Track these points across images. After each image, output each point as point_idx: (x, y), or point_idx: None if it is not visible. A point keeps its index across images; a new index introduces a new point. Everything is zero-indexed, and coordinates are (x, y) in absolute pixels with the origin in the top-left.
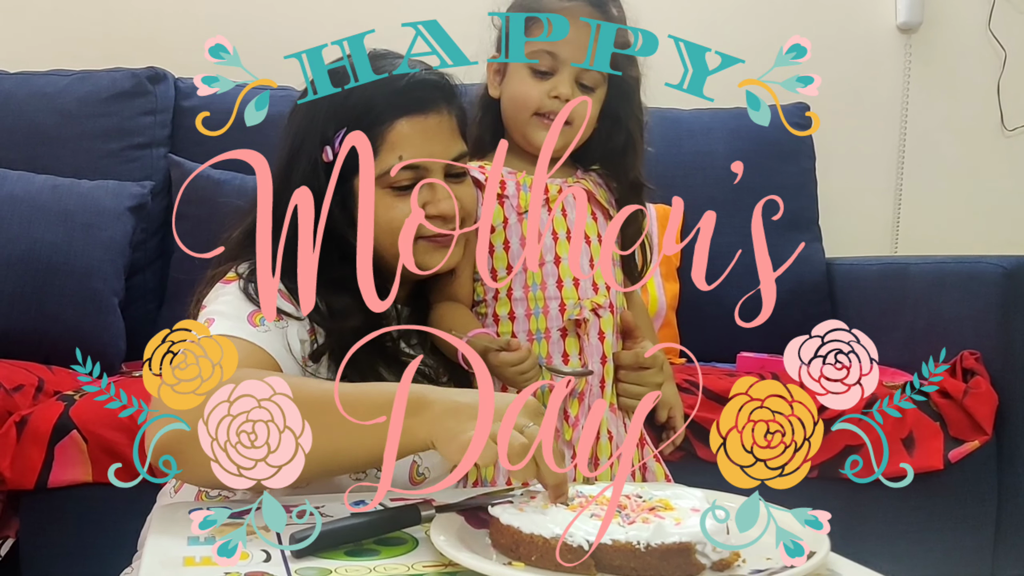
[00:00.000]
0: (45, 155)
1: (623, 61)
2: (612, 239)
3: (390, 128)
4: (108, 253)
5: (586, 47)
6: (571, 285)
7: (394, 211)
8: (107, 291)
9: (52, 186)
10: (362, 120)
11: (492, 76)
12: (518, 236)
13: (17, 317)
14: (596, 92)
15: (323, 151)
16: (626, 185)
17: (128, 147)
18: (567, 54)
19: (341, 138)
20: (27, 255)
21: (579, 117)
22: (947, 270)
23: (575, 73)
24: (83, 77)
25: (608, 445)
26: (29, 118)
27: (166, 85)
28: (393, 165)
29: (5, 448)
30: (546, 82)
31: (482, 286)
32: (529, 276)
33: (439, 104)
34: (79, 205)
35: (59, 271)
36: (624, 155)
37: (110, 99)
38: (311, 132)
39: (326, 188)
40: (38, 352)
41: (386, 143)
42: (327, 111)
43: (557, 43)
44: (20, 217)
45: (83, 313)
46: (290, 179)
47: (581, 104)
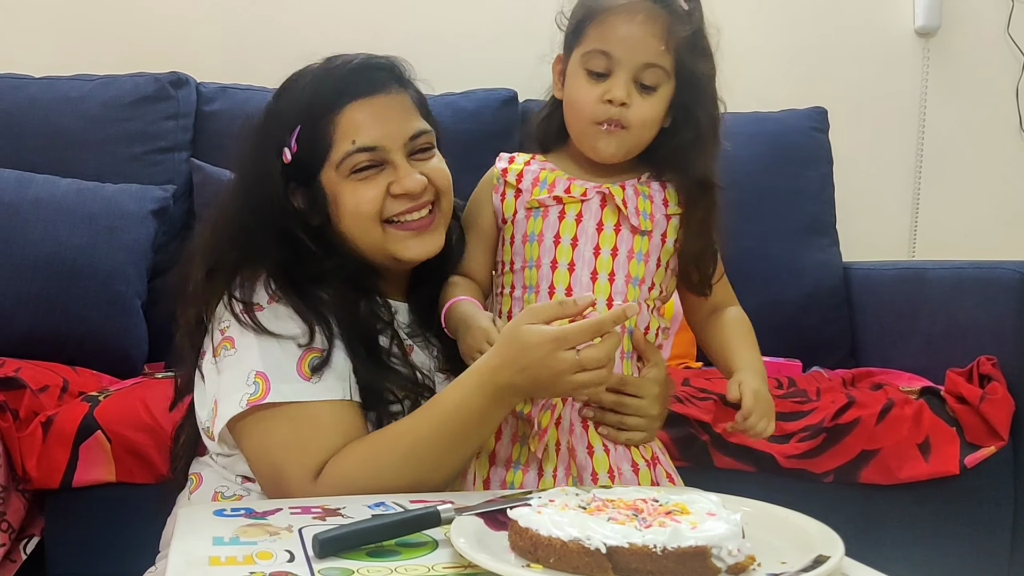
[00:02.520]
0: (69, 159)
1: (691, 55)
2: (629, 255)
3: (340, 114)
4: (131, 256)
5: (645, 44)
6: (563, 294)
7: (358, 196)
8: (130, 293)
9: (76, 190)
10: (312, 114)
11: (556, 77)
12: (523, 232)
13: (42, 318)
14: (659, 90)
15: (281, 154)
16: (693, 183)
17: (151, 151)
18: (621, 53)
19: (296, 136)
20: (52, 258)
21: (636, 121)
22: (964, 275)
23: (633, 72)
24: (107, 82)
25: (605, 458)
26: (54, 122)
27: (188, 90)
28: (348, 151)
29: (31, 448)
30: (601, 84)
31: (496, 278)
32: (528, 276)
33: (388, 84)
34: (103, 208)
35: (83, 273)
36: (691, 152)
37: (133, 104)
38: (269, 139)
39: (289, 191)
40: (62, 353)
41: (339, 130)
42: (281, 117)
43: (611, 41)
44: (45, 220)
45: (107, 315)
46: (246, 187)
47: (637, 107)
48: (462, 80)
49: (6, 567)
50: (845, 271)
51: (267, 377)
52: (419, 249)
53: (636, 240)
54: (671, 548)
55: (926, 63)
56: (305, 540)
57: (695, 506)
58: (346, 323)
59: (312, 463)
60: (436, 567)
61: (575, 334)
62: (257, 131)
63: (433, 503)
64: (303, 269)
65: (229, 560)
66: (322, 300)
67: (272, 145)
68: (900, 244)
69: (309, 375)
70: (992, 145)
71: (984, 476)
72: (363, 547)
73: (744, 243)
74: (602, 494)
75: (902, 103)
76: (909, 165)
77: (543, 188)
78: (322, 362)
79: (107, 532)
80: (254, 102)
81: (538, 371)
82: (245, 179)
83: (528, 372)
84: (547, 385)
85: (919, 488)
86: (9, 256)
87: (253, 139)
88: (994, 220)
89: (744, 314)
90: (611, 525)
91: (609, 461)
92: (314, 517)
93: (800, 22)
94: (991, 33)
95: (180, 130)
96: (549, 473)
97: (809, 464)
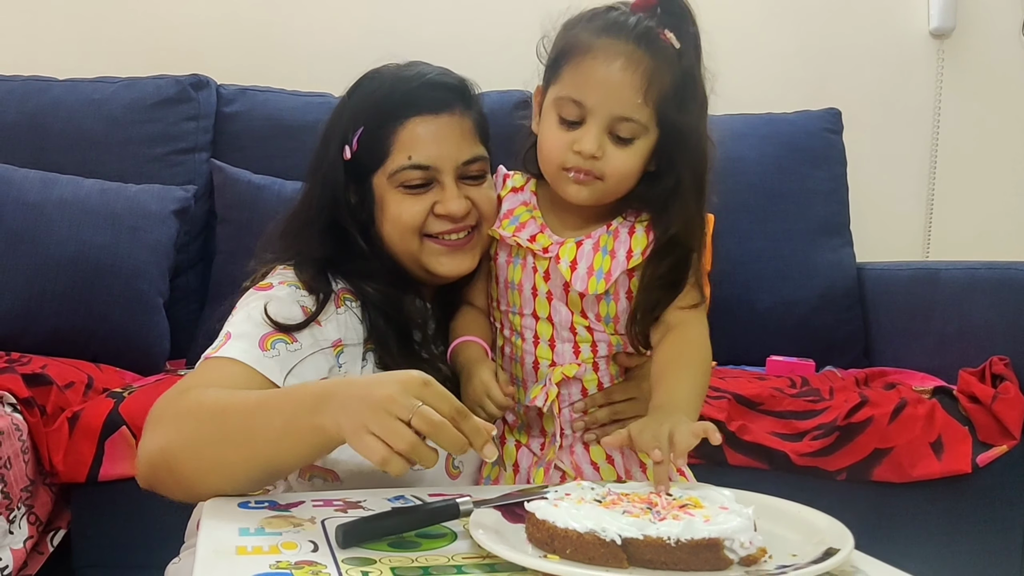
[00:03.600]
0: (93, 160)
1: (676, 104)
2: (597, 318)
3: (402, 127)
4: (153, 255)
5: (620, 96)
6: (546, 345)
7: (402, 208)
8: (152, 292)
9: (100, 190)
10: (377, 119)
11: (535, 109)
12: (504, 278)
13: (67, 316)
14: (637, 142)
15: (343, 150)
16: (662, 237)
17: (172, 152)
18: (594, 103)
19: (358, 136)
20: (76, 257)
21: (610, 172)
22: (978, 276)
23: (606, 124)
24: (129, 84)
25: (611, 468)
26: (77, 124)
27: (208, 92)
28: (403, 164)
29: (58, 442)
30: (572, 132)
31: (492, 310)
32: (514, 320)
33: (453, 105)
34: (126, 208)
35: (106, 272)
36: (669, 203)
37: (155, 105)
38: (336, 133)
39: (345, 185)
40: (86, 350)
41: (398, 142)
42: (350, 113)
43: (584, 90)
44: (69, 220)
45: (130, 313)
46: (315, 178)
47: (611, 158)
48: (477, 82)
49: (34, 559)
50: (859, 271)
51: (230, 335)
52: (451, 266)
53: (600, 304)
54: (684, 540)
55: (941, 64)
56: (328, 531)
57: (708, 500)
58: (387, 317)
59: (196, 384)
60: (456, 557)
61: (438, 397)
62: (328, 123)
63: (451, 496)
64: (351, 263)
65: (255, 550)
66: (366, 292)
67: (337, 139)
68: (914, 245)
69: (267, 348)
70: (1006, 146)
71: (996, 475)
72: (384, 538)
73: (758, 244)
74: (617, 488)
75: (916, 104)
76: (923, 166)
77: (513, 223)
78: (289, 348)
79: (132, 525)
80: (273, 103)
81: (372, 388)
82: (313, 169)
83: (362, 390)
84: (364, 405)
85: (931, 486)
86: (34, 255)
87: (324, 130)
88: (1008, 221)
89: (700, 338)
90: (626, 518)
91: (615, 471)
92: (336, 509)
93: (814, 23)
94: (1006, 34)
95: (201, 131)
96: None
97: (822, 462)
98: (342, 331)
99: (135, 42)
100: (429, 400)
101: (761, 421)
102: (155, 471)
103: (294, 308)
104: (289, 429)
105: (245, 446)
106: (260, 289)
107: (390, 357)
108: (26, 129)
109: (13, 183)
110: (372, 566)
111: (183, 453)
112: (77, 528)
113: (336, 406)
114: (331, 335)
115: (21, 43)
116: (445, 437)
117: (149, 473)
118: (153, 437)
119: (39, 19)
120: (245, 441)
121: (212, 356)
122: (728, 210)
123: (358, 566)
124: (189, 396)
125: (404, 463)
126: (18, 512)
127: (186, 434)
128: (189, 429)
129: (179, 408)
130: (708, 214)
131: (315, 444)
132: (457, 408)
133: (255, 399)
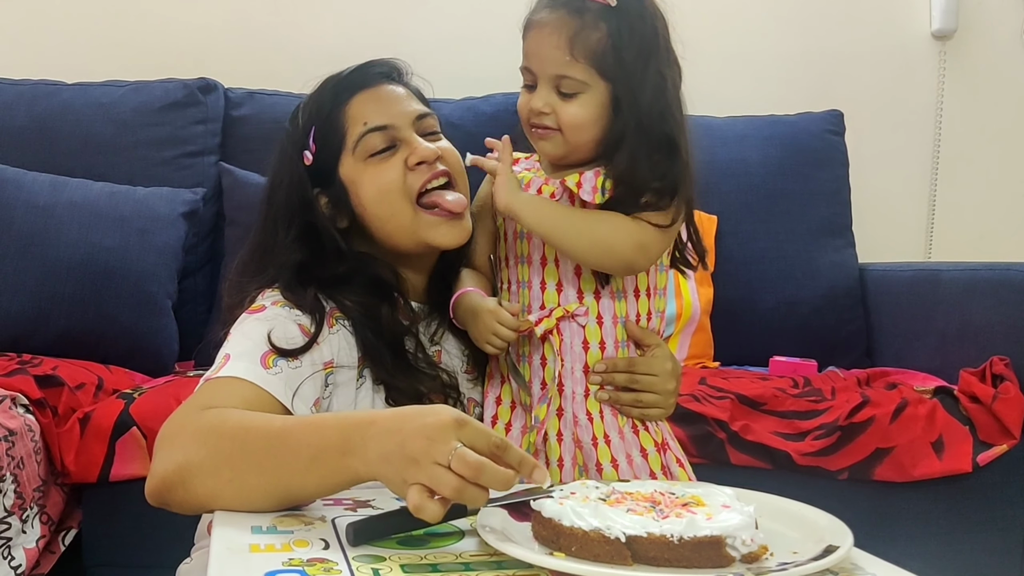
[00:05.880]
0: (102, 163)
1: (614, 56)
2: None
3: (348, 105)
4: (162, 257)
5: (550, 57)
6: (553, 289)
7: (378, 176)
8: (161, 294)
9: (109, 193)
10: (325, 112)
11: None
12: (513, 229)
13: (77, 318)
14: (582, 96)
15: (303, 158)
16: (615, 180)
17: (181, 155)
18: (536, 66)
19: (312, 136)
20: (86, 259)
21: (565, 123)
22: (979, 277)
23: (550, 83)
24: (137, 88)
25: (607, 449)
26: (86, 127)
27: (216, 95)
28: (361, 132)
29: (70, 443)
30: (530, 95)
31: (496, 274)
32: (521, 271)
33: (389, 77)
34: (135, 211)
35: (116, 274)
36: (614, 154)
37: (163, 109)
38: (292, 148)
39: (315, 196)
40: (96, 352)
41: (350, 118)
42: (301, 126)
43: (528, 56)
44: (79, 223)
45: (138, 315)
46: (276, 197)
47: (562, 111)
48: (481, 84)
49: (46, 558)
50: (861, 272)
51: (230, 357)
52: (452, 235)
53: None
54: (687, 537)
55: (942, 66)
56: (339, 529)
57: (710, 499)
58: (369, 329)
59: (206, 404)
60: (464, 554)
61: (474, 434)
62: (280, 145)
63: None
64: (326, 273)
65: (268, 548)
66: (344, 306)
67: (295, 151)
68: (916, 246)
69: (269, 367)
70: (1008, 147)
71: (996, 474)
72: (394, 536)
73: (761, 245)
74: (621, 487)
75: (918, 106)
76: (925, 167)
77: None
78: (290, 366)
79: (143, 525)
80: (281, 107)
81: (407, 439)
82: (273, 188)
83: (395, 437)
84: (401, 457)
85: (932, 486)
86: (44, 258)
87: (278, 152)
88: (1009, 222)
89: (621, 222)
90: (630, 516)
91: (611, 452)
92: (346, 508)
93: (816, 25)
94: (1007, 36)
95: (209, 134)
96: (555, 463)
97: (824, 462)
98: (334, 351)
99: (143, 46)
100: (466, 439)
101: (764, 421)
102: (170, 489)
103: (291, 327)
104: (316, 464)
105: (269, 473)
106: (252, 312)
107: (385, 372)
108: (35, 133)
109: (23, 187)
110: (382, 563)
111: (201, 471)
112: (89, 528)
113: (372, 454)
114: (324, 355)
115: (30, 47)
116: (488, 477)
117: (163, 490)
118: (171, 455)
119: (48, 24)
120: (270, 468)
121: (214, 377)
122: (731, 211)
123: (369, 563)
124: (210, 415)
125: (444, 507)
126: (31, 512)
127: (207, 451)
128: (210, 446)
129: (200, 425)
130: (711, 215)
131: (343, 482)
132: (495, 443)
133: (279, 425)
